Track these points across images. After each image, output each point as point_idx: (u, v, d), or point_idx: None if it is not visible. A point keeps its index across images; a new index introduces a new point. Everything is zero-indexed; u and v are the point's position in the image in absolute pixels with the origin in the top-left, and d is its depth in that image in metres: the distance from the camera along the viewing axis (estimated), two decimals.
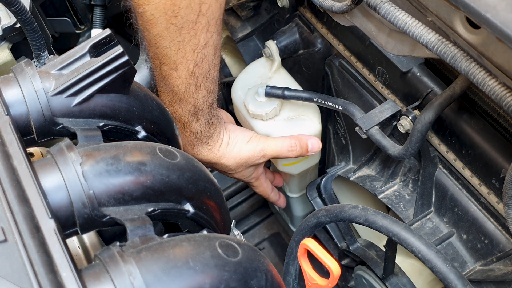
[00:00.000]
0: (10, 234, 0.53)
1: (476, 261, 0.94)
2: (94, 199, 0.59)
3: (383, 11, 0.76)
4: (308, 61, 1.23)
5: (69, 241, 0.77)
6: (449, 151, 0.95)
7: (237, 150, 1.10)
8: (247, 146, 1.11)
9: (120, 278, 0.52)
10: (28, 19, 0.91)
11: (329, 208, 0.96)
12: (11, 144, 0.61)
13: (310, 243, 0.93)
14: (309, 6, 1.18)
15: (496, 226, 0.90)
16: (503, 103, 0.65)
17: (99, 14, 1.40)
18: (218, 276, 0.55)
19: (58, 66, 0.70)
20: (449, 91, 0.90)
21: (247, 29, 1.29)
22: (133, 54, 1.40)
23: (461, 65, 0.69)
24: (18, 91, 0.67)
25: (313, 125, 1.18)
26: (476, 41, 0.67)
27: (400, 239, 0.87)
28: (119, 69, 0.70)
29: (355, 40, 1.08)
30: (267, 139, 1.12)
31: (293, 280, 1.06)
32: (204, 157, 1.09)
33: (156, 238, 0.57)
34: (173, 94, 0.97)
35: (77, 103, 0.69)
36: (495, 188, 0.89)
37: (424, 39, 0.72)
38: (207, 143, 1.07)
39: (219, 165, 1.11)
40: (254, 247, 0.63)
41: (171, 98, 0.98)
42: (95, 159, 0.61)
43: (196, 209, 0.67)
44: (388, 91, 1.05)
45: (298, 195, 1.42)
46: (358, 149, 1.18)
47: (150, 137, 0.76)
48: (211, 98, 1.01)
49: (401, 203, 1.04)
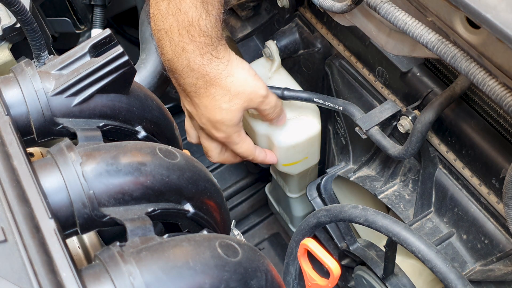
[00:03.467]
0: (10, 234, 0.53)
1: (476, 261, 0.94)
2: (94, 199, 0.59)
3: (383, 11, 0.76)
4: (308, 61, 1.23)
5: (69, 241, 0.77)
6: (449, 151, 0.95)
7: (244, 78, 1.01)
8: (253, 80, 1.03)
9: (120, 278, 0.52)
10: (28, 19, 0.91)
11: (329, 208, 0.96)
12: (11, 144, 0.61)
13: (310, 243, 0.93)
14: (309, 6, 1.18)
15: (496, 226, 0.91)
16: (503, 103, 0.65)
17: (99, 14, 1.41)
18: (218, 276, 0.55)
19: (58, 66, 0.70)
20: (449, 91, 0.90)
21: (247, 29, 1.29)
22: (133, 54, 1.40)
23: (461, 65, 0.69)
24: (18, 91, 0.67)
25: (313, 125, 1.18)
26: (476, 41, 0.67)
27: (400, 239, 0.87)
28: (119, 69, 0.70)
29: (355, 40, 1.08)
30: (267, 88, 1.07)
31: (293, 280, 1.06)
32: (212, 69, 0.98)
33: (156, 238, 0.57)
34: None
35: (77, 103, 0.69)
36: (495, 188, 0.89)
37: (424, 39, 0.72)
38: (217, 50, 0.97)
39: (221, 87, 1.00)
40: (254, 247, 0.63)
41: None
42: (95, 159, 0.61)
43: (196, 209, 0.67)
44: (388, 91, 1.05)
45: (298, 195, 1.42)
46: (358, 149, 1.18)
47: (150, 137, 0.76)
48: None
49: (401, 203, 1.04)
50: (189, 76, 0.99)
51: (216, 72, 0.98)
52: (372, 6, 0.78)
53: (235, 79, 1.00)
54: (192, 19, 0.92)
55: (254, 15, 1.28)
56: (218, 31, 0.95)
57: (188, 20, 0.92)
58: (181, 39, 0.94)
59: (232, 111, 1.03)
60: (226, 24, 1.31)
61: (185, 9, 0.92)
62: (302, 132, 1.17)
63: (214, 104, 1.02)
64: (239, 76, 1.00)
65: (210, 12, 0.93)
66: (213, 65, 0.97)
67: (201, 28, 0.93)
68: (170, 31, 0.94)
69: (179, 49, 0.95)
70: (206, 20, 0.93)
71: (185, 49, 0.95)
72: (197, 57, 0.96)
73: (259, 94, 1.04)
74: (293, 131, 1.16)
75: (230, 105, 1.02)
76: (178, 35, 0.94)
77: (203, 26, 0.93)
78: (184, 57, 0.96)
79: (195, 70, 0.97)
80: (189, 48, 0.95)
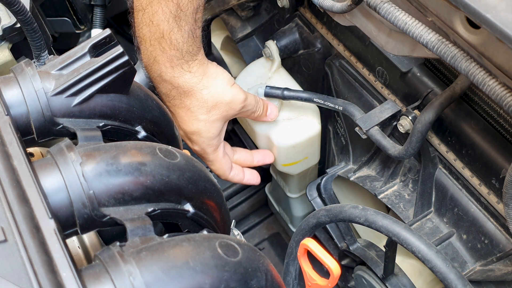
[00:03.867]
0: (10, 234, 0.53)
1: (476, 261, 0.94)
2: (94, 199, 0.59)
3: (383, 11, 0.76)
4: (308, 61, 1.23)
5: (69, 241, 0.77)
6: (449, 151, 0.95)
7: (222, 88, 0.99)
8: (232, 89, 1.00)
9: (120, 278, 0.52)
10: (28, 19, 0.91)
11: (329, 208, 0.96)
12: (11, 144, 0.61)
13: (310, 243, 0.93)
14: (309, 6, 1.18)
15: (496, 226, 0.91)
16: (503, 103, 0.65)
17: (99, 14, 1.40)
18: (218, 276, 0.55)
19: (58, 66, 0.70)
20: (449, 91, 0.90)
21: (247, 29, 1.29)
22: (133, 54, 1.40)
23: (461, 65, 0.69)
24: (18, 91, 0.67)
25: (313, 126, 1.18)
26: (476, 41, 0.67)
27: (400, 239, 0.87)
28: (119, 69, 0.70)
29: (355, 40, 1.08)
30: (245, 91, 1.05)
31: (293, 280, 1.06)
32: (184, 82, 0.96)
33: (156, 238, 0.57)
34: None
35: (77, 103, 0.69)
36: (495, 188, 0.89)
37: (424, 39, 0.72)
38: (188, 64, 0.95)
39: (196, 99, 0.97)
40: (254, 247, 0.63)
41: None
42: (95, 159, 0.61)
43: (196, 209, 0.67)
44: (388, 91, 1.05)
45: (297, 195, 1.42)
46: (358, 149, 1.18)
47: (150, 137, 0.76)
48: (196, 2, 0.91)
49: (401, 203, 1.04)
50: (162, 85, 0.98)
51: (189, 85, 0.96)
52: (372, 6, 0.78)
53: (212, 91, 0.98)
54: (163, 32, 0.91)
55: (254, 15, 1.28)
56: (190, 46, 0.94)
57: (159, 32, 0.91)
58: (153, 50, 0.94)
59: (210, 122, 1.00)
60: (226, 24, 1.31)
61: (157, 21, 0.91)
62: (302, 132, 1.17)
63: (190, 116, 1.00)
64: (216, 88, 0.99)
65: (182, 27, 0.91)
66: (185, 78, 0.96)
67: (172, 41, 0.92)
68: (144, 40, 0.94)
69: (152, 59, 0.95)
70: (177, 34, 0.91)
71: (157, 59, 0.95)
72: (168, 69, 0.95)
73: (238, 101, 1.02)
74: (293, 131, 1.16)
75: (208, 116, 1.00)
76: (150, 45, 0.94)
77: (174, 40, 0.92)
78: (156, 67, 0.96)
79: (167, 81, 0.96)
80: (160, 59, 0.94)
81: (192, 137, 1.03)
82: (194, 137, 1.02)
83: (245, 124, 1.22)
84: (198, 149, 1.05)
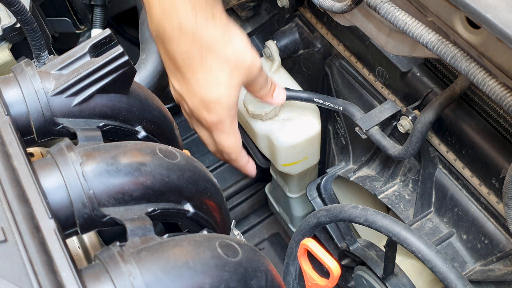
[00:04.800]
0: (10, 234, 0.53)
1: (476, 261, 0.94)
2: (94, 199, 0.59)
3: (383, 11, 0.76)
4: (308, 61, 1.23)
5: (69, 241, 0.77)
6: (449, 151, 0.95)
7: (243, 48, 0.89)
8: (251, 52, 0.90)
9: (120, 278, 0.52)
10: (28, 19, 0.91)
11: (329, 208, 0.96)
12: (11, 144, 0.61)
13: (310, 243, 0.93)
14: (309, 6, 1.18)
15: (496, 226, 0.91)
16: (503, 103, 0.65)
17: (99, 14, 1.40)
18: (218, 276, 0.55)
19: (58, 66, 0.70)
20: (449, 91, 0.90)
21: (247, 29, 1.29)
22: (133, 54, 1.40)
23: (461, 65, 0.69)
24: (18, 91, 0.67)
25: (313, 126, 1.18)
26: (476, 41, 0.67)
27: (400, 239, 0.87)
28: (119, 69, 0.70)
29: (355, 40, 1.08)
30: None
31: (293, 280, 1.06)
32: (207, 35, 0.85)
33: (156, 238, 0.57)
34: None
35: (77, 103, 0.69)
36: (495, 188, 0.89)
37: (424, 39, 0.72)
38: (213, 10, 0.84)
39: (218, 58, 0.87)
40: (254, 247, 0.63)
41: None
42: (95, 159, 0.61)
43: (196, 209, 0.67)
44: (388, 91, 1.05)
45: (298, 195, 1.42)
46: (358, 149, 1.18)
47: (150, 137, 0.76)
48: None
49: (401, 203, 1.04)
50: (180, 41, 0.85)
51: (213, 38, 0.85)
52: (372, 6, 0.78)
53: (234, 49, 0.88)
54: None
55: (254, 15, 1.28)
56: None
57: None
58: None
59: (231, 87, 0.89)
60: None
61: None
62: (302, 132, 1.17)
63: (210, 79, 0.88)
64: (238, 46, 0.88)
65: None
66: (208, 31, 0.85)
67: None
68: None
69: (169, 5, 0.83)
70: None
71: (176, 5, 0.82)
72: (190, 15, 0.82)
73: (256, 66, 0.92)
74: (293, 131, 1.16)
75: (229, 80, 0.89)
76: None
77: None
78: (174, 17, 0.83)
79: (188, 33, 0.84)
80: (180, 4, 0.82)
81: (210, 106, 0.91)
82: (213, 105, 0.90)
83: (245, 124, 1.22)
84: (215, 120, 0.92)
